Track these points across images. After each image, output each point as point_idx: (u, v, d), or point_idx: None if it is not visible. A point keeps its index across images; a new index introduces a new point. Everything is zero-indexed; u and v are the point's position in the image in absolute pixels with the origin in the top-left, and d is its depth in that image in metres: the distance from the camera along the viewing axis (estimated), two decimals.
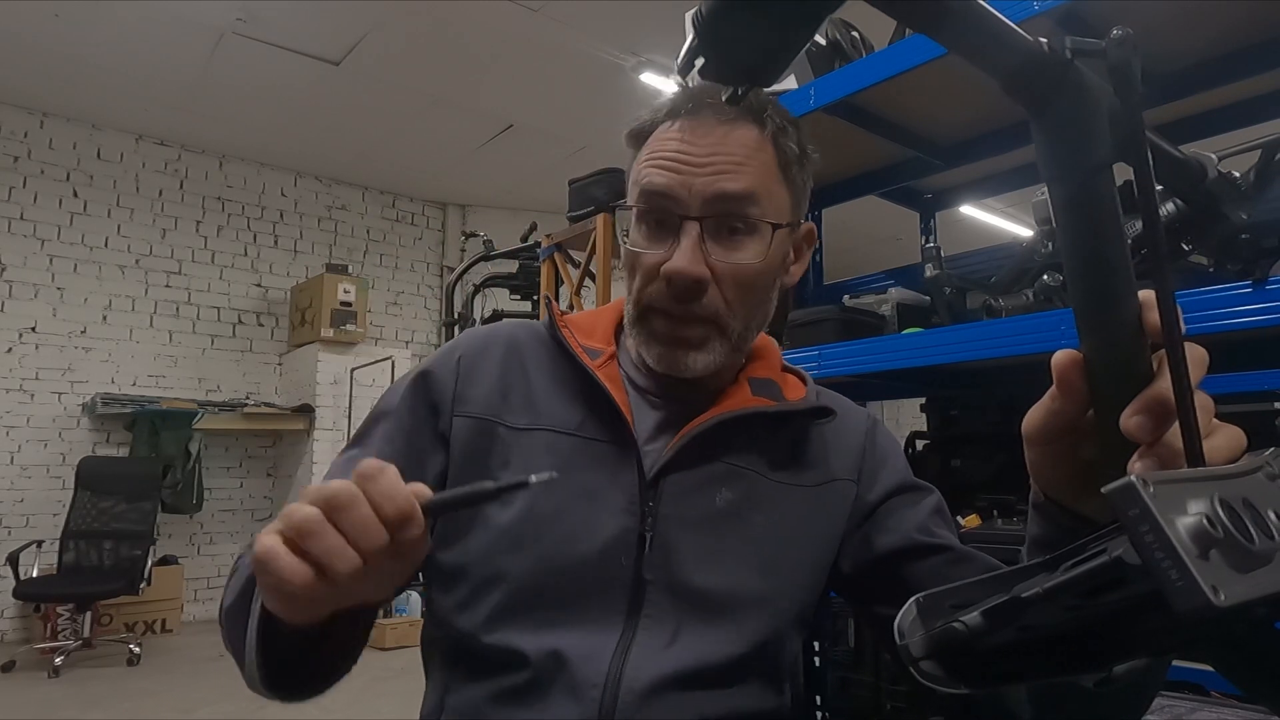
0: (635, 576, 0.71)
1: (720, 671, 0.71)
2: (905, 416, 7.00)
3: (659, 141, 0.74)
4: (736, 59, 0.37)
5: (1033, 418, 0.45)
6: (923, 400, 1.89)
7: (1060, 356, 0.42)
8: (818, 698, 1.70)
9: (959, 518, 1.52)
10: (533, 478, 0.51)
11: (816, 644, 1.65)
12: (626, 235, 0.77)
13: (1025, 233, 3.68)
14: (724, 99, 0.40)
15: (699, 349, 0.74)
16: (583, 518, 0.72)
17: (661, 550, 0.72)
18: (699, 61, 0.38)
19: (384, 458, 0.68)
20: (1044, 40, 0.36)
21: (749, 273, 0.73)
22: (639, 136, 0.78)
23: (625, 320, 0.80)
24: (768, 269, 0.75)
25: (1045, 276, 1.33)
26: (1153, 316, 0.37)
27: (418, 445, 0.76)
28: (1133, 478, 0.26)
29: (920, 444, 1.88)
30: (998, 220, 6.61)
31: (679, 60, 0.39)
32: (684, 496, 0.74)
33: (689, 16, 0.37)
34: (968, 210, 6.08)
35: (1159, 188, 0.99)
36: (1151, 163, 0.35)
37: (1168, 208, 1.01)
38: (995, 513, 1.55)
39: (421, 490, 0.50)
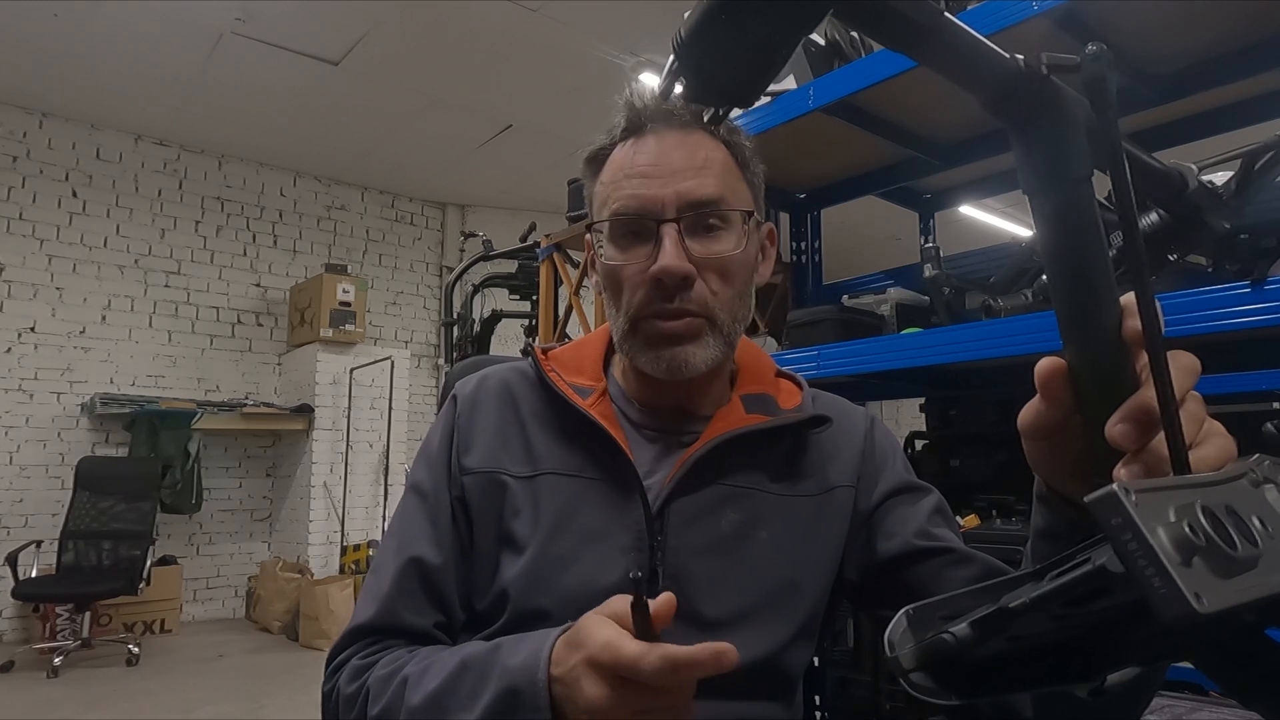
0: None
1: (723, 680, 0.71)
2: (904, 416, 7.00)
3: (620, 159, 0.77)
4: (716, 81, 0.38)
5: (1025, 416, 0.46)
6: (922, 400, 1.89)
7: (1043, 365, 0.42)
8: (817, 698, 1.70)
9: (958, 518, 1.52)
10: None
11: None
12: (600, 258, 0.78)
13: (1024, 233, 3.67)
14: (705, 119, 0.41)
15: (694, 342, 0.74)
16: (594, 561, 0.72)
17: (672, 582, 0.72)
18: (680, 83, 0.39)
19: (437, 532, 0.77)
20: (1020, 57, 0.36)
21: (731, 262, 0.75)
22: (597, 160, 0.80)
23: (615, 340, 0.80)
24: (746, 259, 0.77)
25: (1044, 276, 1.33)
26: (1133, 323, 0.37)
27: (447, 512, 0.78)
28: (1114, 486, 0.26)
29: (919, 444, 1.88)
30: (997, 220, 6.61)
31: (660, 82, 0.40)
32: (690, 525, 0.74)
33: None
34: (967, 210, 6.08)
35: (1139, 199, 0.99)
36: (1130, 174, 0.35)
37: (1151, 218, 1.02)
38: (994, 512, 1.55)
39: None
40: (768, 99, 1.60)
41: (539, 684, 0.57)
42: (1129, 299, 0.38)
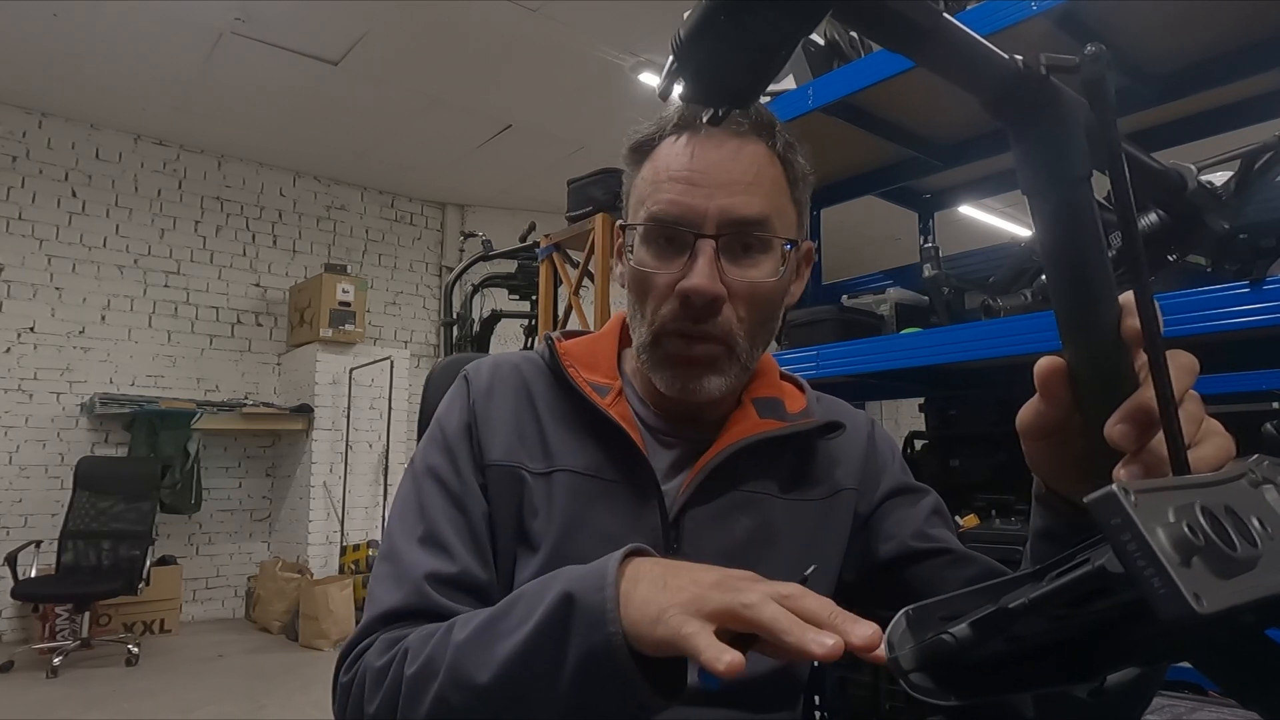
0: None
1: (741, 689, 0.71)
2: (904, 416, 7.01)
3: (667, 158, 0.72)
4: (716, 81, 0.38)
5: (1024, 416, 0.46)
6: (921, 400, 1.89)
7: (1042, 364, 0.42)
8: (816, 698, 1.70)
9: (957, 518, 1.52)
10: None
11: None
12: (631, 251, 0.74)
13: (1023, 232, 3.67)
14: (704, 120, 0.41)
15: (711, 370, 0.72)
16: None
17: None
18: (679, 84, 0.39)
19: (455, 527, 0.72)
20: (1019, 58, 0.36)
21: (763, 290, 0.72)
22: (642, 150, 0.75)
23: (635, 345, 0.77)
24: (780, 287, 0.74)
25: (1043, 276, 1.33)
26: (1131, 323, 0.37)
27: (477, 497, 0.74)
28: (1113, 487, 0.26)
29: (919, 444, 1.88)
30: (996, 220, 6.61)
31: (660, 82, 0.40)
32: (704, 532, 0.73)
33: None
34: (966, 210, 6.08)
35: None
36: (1129, 174, 0.35)
37: (1150, 218, 1.02)
38: (994, 512, 1.55)
39: None
40: (767, 99, 1.60)
41: (608, 579, 0.50)
42: (1128, 298, 0.38)
